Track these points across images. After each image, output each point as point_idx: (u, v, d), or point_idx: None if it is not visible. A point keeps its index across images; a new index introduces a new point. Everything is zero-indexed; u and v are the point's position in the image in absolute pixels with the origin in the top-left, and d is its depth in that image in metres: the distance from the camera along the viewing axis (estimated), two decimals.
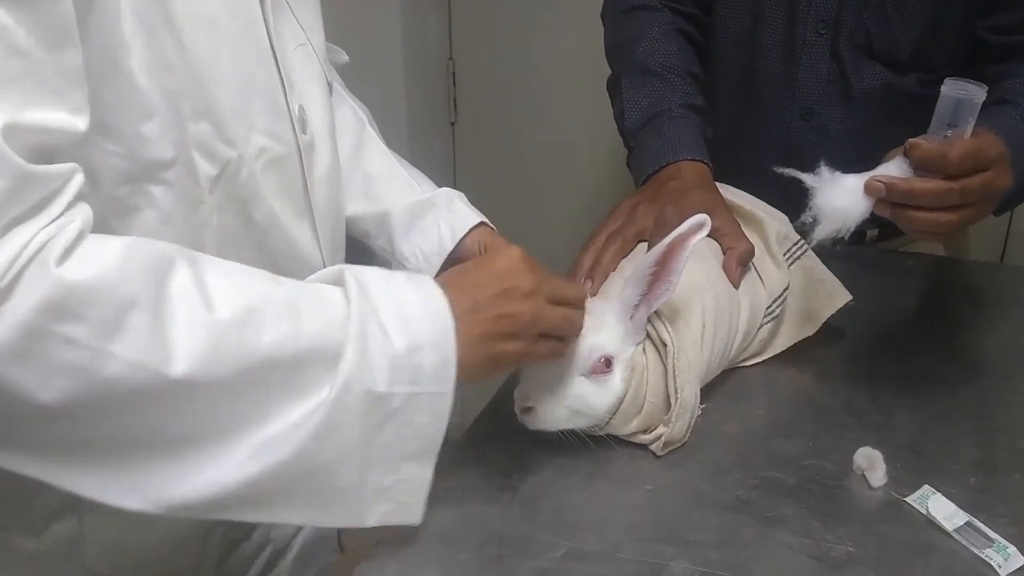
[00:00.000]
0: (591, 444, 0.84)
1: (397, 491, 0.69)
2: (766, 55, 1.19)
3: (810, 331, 1.02)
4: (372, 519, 0.68)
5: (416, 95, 2.01)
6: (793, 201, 0.91)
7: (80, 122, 0.59)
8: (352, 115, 0.99)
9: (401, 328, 0.66)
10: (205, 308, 0.60)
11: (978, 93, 0.85)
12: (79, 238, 0.57)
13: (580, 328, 0.78)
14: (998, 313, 1.15)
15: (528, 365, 0.83)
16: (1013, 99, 1.02)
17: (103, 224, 0.65)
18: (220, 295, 0.61)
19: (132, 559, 0.76)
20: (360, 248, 0.95)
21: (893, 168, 0.87)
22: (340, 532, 0.99)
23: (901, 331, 1.07)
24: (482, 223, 0.93)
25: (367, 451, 0.66)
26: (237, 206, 0.71)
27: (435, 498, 0.80)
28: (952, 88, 0.86)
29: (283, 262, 0.76)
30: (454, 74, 2.18)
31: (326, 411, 0.63)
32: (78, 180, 0.59)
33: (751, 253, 0.96)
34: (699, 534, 0.76)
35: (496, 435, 0.89)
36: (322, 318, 0.64)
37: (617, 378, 0.82)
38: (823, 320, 1.03)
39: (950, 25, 1.12)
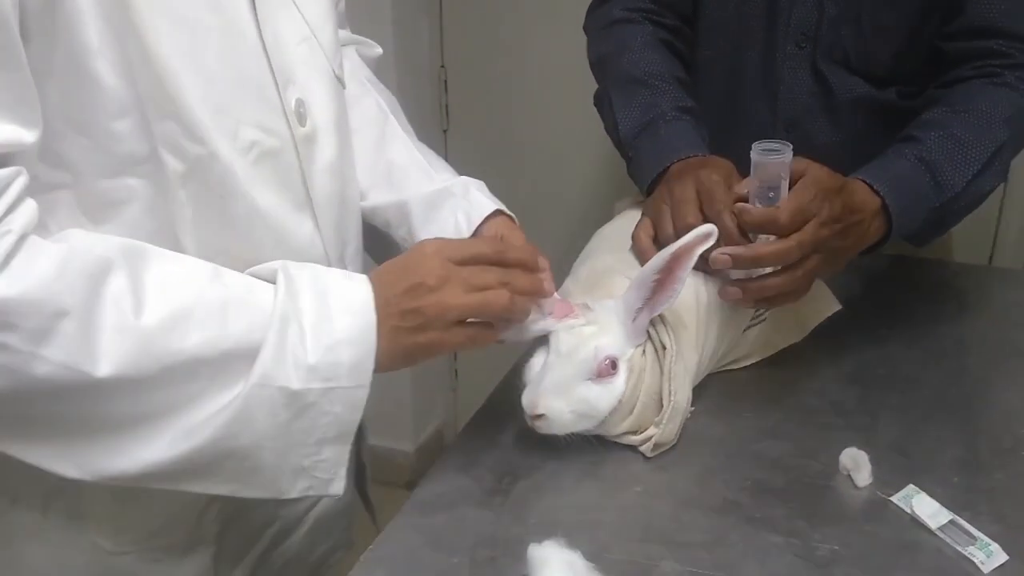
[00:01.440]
0: (588, 445, 0.85)
1: (316, 470, 0.74)
2: (748, 68, 1.20)
3: (798, 338, 1.04)
4: (293, 493, 0.74)
5: (408, 102, 2.01)
6: None
7: (29, 134, 0.63)
8: (375, 108, 1.01)
9: (321, 328, 0.71)
10: (134, 314, 0.65)
11: (785, 152, 0.90)
12: (18, 244, 0.62)
13: (500, 311, 0.78)
14: (983, 315, 1.16)
15: (534, 372, 0.84)
16: (920, 135, 1.04)
17: (93, 217, 0.70)
18: (153, 298, 0.66)
19: (133, 533, 0.80)
20: (381, 238, 0.97)
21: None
22: (367, 505, 1.01)
23: (887, 333, 1.08)
24: (499, 211, 0.95)
25: (283, 438, 0.71)
26: (213, 200, 0.73)
27: (427, 503, 0.82)
28: (760, 153, 0.90)
29: (275, 256, 0.77)
30: (446, 81, 2.19)
31: (239, 405, 0.68)
32: (20, 183, 0.63)
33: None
34: (688, 535, 0.77)
35: (487, 440, 0.90)
36: (246, 319, 0.70)
37: (621, 379, 0.84)
38: (811, 328, 1.04)
39: (926, 40, 1.13)
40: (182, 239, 0.72)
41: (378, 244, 0.97)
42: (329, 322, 0.72)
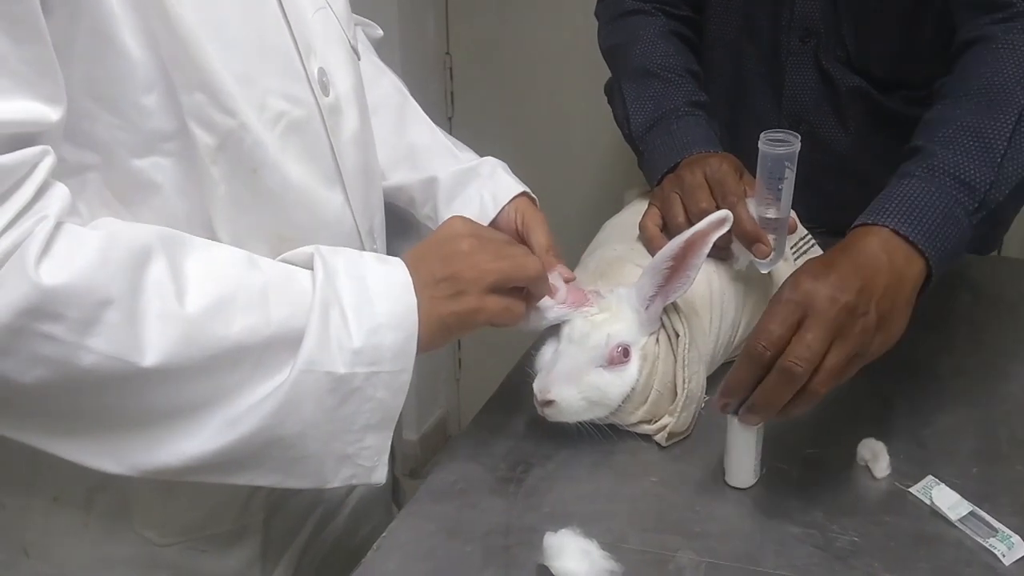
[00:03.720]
0: (600, 435, 0.84)
1: (359, 457, 0.73)
2: (753, 62, 1.19)
3: None
4: (336, 482, 0.73)
5: (413, 90, 2.00)
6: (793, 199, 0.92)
7: (53, 112, 0.61)
8: (393, 87, 1.01)
9: (362, 312, 0.70)
10: (178, 301, 0.64)
11: (793, 142, 0.87)
12: (56, 231, 0.60)
13: (534, 275, 0.78)
14: (997, 305, 1.15)
15: (545, 359, 0.83)
16: (922, 144, 0.89)
17: (124, 200, 0.68)
18: (194, 285, 0.65)
19: (179, 523, 0.79)
20: (402, 218, 0.97)
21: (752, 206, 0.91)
22: (396, 492, 1.01)
23: None
24: (524, 193, 0.95)
25: (328, 425, 0.70)
26: (245, 175, 0.71)
27: (440, 491, 0.81)
28: (767, 143, 0.88)
29: (307, 230, 0.76)
30: (451, 69, 2.18)
31: (286, 391, 0.67)
32: (47, 163, 0.61)
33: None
34: (705, 525, 0.76)
35: (500, 428, 0.89)
36: (288, 305, 0.68)
37: (634, 367, 0.83)
38: None
39: (923, 45, 1.11)
40: (215, 219, 0.71)
41: (391, 225, 0.96)
42: (370, 306, 0.71)
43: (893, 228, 0.80)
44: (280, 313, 0.68)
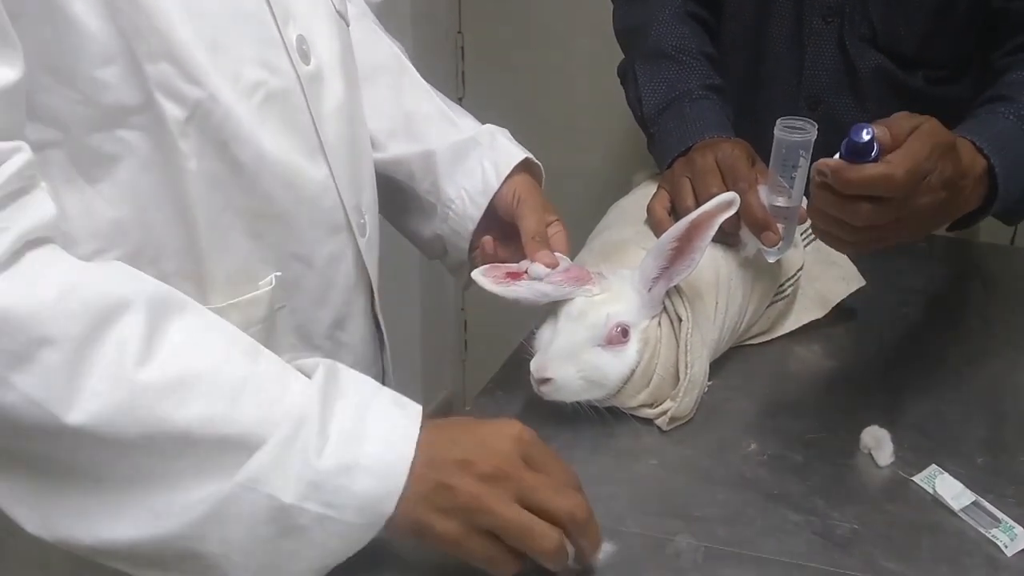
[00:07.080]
0: (600, 417, 0.84)
1: None
2: (773, 42, 1.17)
3: (820, 313, 1.02)
4: None
5: (424, 69, 1.99)
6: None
7: (12, 71, 0.57)
8: (389, 53, 0.97)
9: (343, 443, 0.61)
10: (135, 364, 0.58)
11: (810, 130, 0.86)
12: (24, 247, 0.57)
13: (543, 552, 0.63)
14: (1008, 295, 1.14)
15: (543, 339, 0.82)
16: (1010, 94, 0.96)
17: (88, 176, 0.64)
18: (164, 354, 0.59)
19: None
20: (399, 193, 0.94)
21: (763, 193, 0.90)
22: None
23: (910, 311, 1.06)
24: (527, 160, 0.92)
25: (258, 553, 0.61)
26: (217, 149, 0.68)
27: None
28: (783, 130, 0.87)
29: (284, 205, 0.72)
30: (462, 48, 2.17)
31: (216, 502, 0.59)
32: (17, 162, 0.57)
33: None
34: (704, 510, 0.76)
35: (498, 410, 0.88)
36: (264, 408, 0.61)
37: (632, 349, 0.82)
38: (834, 303, 1.02)
39: (954, 22, 1.09)
40: (189, 195, 0.67)
41: (395, 201, 0.94)
42: (356, 442, 0.61)
43: (988, 157, 0.88)
44: (249, 413, 0.60)
